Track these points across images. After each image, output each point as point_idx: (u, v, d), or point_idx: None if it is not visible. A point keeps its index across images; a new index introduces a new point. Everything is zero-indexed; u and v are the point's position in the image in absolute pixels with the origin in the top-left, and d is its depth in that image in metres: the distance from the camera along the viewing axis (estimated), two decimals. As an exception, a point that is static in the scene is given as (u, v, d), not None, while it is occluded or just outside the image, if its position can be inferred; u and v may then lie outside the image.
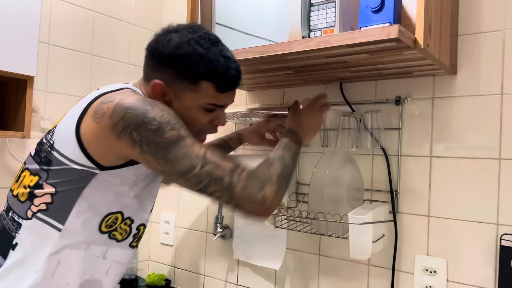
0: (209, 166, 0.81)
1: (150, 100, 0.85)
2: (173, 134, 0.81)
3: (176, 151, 0.80)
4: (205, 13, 1.30)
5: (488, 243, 1.14)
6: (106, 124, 0.82)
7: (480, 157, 1.16)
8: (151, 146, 0.80)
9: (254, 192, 0.82)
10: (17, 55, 1.29)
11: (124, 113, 0.81)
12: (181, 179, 0.82)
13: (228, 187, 0.81)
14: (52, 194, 0.86)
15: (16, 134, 1.33)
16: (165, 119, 0.81)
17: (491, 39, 1.16)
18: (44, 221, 0.86)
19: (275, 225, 1.32)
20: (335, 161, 1.22)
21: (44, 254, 0.86)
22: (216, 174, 0.81)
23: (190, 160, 0.80)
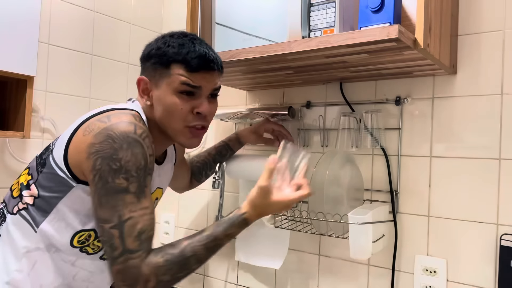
0: (116, 232, 0.82)
1: (134, 137, 0.85)
2: (122, 183, 0.83)
3: (111, 199, 0.82)
4: (205, 13, 1.30)
5: (488, 243, 1.14)
6: (87, 140, 0.86)
7: (480, 157, 1.16)
8: (100, 181, 0.83)
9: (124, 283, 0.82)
10: (17, 55, 1.29)
11: (104, 139, 0.84)
12: (95, 221, 0.85)
13: (112, 259, 0.82)
14: (35, 197, 0.91)
15: (16, 134, 1.33)
16: (128, 166, 0.83)
17: (491, 39, 1.16)
18: (26, 219, 0.91)
19: (275, 225, 1.32)
20: (335, 161, 1.22)
21: (21, 250, 0.90)
22: (113, 243, 0.82)
23: (111, 214, 0.82)
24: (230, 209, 1.62)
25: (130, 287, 0.81)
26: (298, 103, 1.48)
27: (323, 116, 1.42)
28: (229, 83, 1.47)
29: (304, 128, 1.46)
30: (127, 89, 1.81)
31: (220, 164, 1.53)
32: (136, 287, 0.81)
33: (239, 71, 1.27)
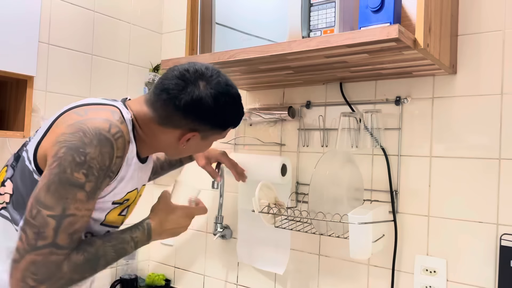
0: (53, 222, 0.78)
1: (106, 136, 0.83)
2: (79, 178, 0.80)
3: (62, 189, 0.79)
4: (205, 13, 1.30)
5: (488, 243, 1.14)
6: (61, 129, 0.84)
7: (480, 157, 1.16)
8: (57, 168, 0.80)
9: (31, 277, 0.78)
10: (17, 55, 1.29)
11: (75, 131, 0.82)
12: (31, 201, 0.80)
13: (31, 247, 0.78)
14: (10, 194, 0.89)
15: (16, 134, 1.33)
16: (92, 163, 0.81)
17: (491, 39, 1.16)
18: (6, 217, 0.89)
19: (275, 225, 1.32)
20: (335, 161, 1.22)
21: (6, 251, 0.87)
22: (44, 232, 0.78)
23: (55, 202, 0.79)
24: (230, 209, 1.63)
25: (39, 283, 0.78)
26: (298, 103, 1.48)
27: (323, 116, 1.42)
28: (229, 83, 1.46)
29: (304, 128, 1.46)
30: (127, 89, 1.81)
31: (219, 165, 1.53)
32: (45, 283, 0.79)
33: (239, 71, 1.27)
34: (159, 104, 0.92)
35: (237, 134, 1.65)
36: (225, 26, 1.26)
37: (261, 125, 1.58)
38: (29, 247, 0.78)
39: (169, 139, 0.96)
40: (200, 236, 1.74)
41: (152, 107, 0.94)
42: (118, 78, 1.77)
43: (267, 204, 1.30)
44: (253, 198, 1.28)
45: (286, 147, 1.51)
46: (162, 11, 1.94)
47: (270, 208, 1.30)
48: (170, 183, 1.85)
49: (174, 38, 1.90)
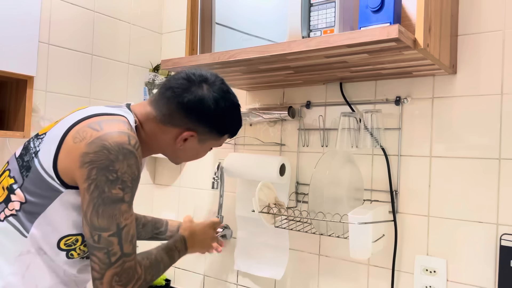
0: (115, 239, 0.86)
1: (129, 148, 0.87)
2: (118, 193, 0.86)
3: (109, 208, 0.86)
4: (205, 13, 1.30)
5: (488, 243, 1.14)
6: (80, 147, 0.87)
7: (480, 157, 1.16)
8: (96, 190, 0.85)
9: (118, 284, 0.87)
10: (17, 55, 1.29)
11: (99, 150, 0.86)
12: (88, 229, 0.86)
13: (107, 264, 0.86)
14: (22, 203, 0.91)
15: (16, 134, 1.33)
16: (124, 177, 0.87)
17: (491, 39, 1.16)
18: (14, 225, 0.91)
19: (275, 225, 1.32)
20: (335, 161, 1.22)
21: (13, 255, 0.90)
22: (113, 249, 0.86)
23: (110, 223, 0.86)
24: (230, 209, 1.63)
25: (124, 286, 0.88)
26: (298, 103, 1.48)
27: (323, 116, 1.42)
28: (229, 83, 1.46)
29: (304, 128, 1.46)
30: (127, 89, 1.81)
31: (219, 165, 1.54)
32: (129, 285, 0.89)
33: (239, 71, 1.27)
34: (162, 102, 0.97)
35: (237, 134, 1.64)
36: (225, 26, 1.26)
37: (261, 125, 1.58)
38: (105, 266, 0.86)
39: (168, 139, 1.00)
40: (200, 236, 1.74)
41: (156, 106, 0.99)
42: (118, 78, 1.77)
43: (267, 204, 1.30)
44: (253, 198, 1.28)
45: (286, 147, 1.51)
46: (162, 11, 1.94)
47: (270, 208, 1.30)
48: (170, 182, 1.85)
49: (174, 38, 1.90)
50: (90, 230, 0.86)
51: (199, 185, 1.75)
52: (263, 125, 1.57)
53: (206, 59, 1.19)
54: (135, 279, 0.90)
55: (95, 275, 0.87)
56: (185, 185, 1.80)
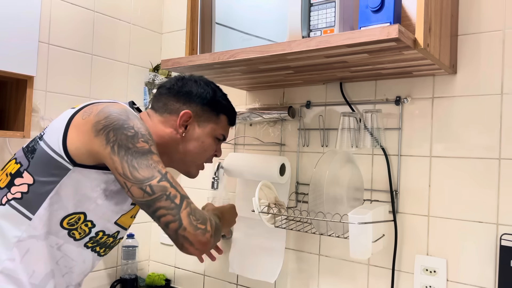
0: (166, 183, 0.86)
1: (133, 112, 0.93)
2: (144, 145, 0.88)
3: (142, 160, 0.87)
4: (205, 13, 1.30)
5: (488, 243, 1.14)
6: (89, 120, 0.90)
7: (480, 157, 1.16)
8: (121, 149, 0.86)
9: (198, 222, 0.86)
10: (17, 55, 1.29)
11: (108, 115, 0.89)
12: (136, 186, 0.86)
13: (176, 207, 0.85)
14: (30, 184, 0.91)
15: (16, 134, 1.33)
16: (141, 131, 0.89)
17: (491, 39, 1.16)
18: (16, 209, 0.91)
19: (275, 225, 1.32)
20: (335, 161, 1.22)
21: (12, 240, 0.91)
22: (170, 192, 0.86)
23: (151, 171, 0.86)
24: (230, 209, 1.63)
25: (205, 224, 0.87)
26: (298, 103, 1.48)
27: (323, 116, 1.42)
28: (229, 83, 1.47)
29: (304, 128, 1.46)
30: (127, 89, 1.81)
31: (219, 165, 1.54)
32: (207, 223, 0.88)
33: (239, 71, 1.27)
34: (157, 98, 1.07)
35: (237, 134, 1.65)
36: (225, 26, 1.26)
37: (261, 125, 1.58)
38: (176, 210, 0.85)
39: (170, 132, 1.04)
40: (200, 236, 1.73)
41: (153, 106, 1.08)
42: (118, 78, 1.77)
43: (267, 204, 1.30)
44: (253, 198, 1.28)
45: (286, 147, 1.51)
46: (162, 11, 1.94)
47: (270, 208, 1.30)
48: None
49: (174, 38, 1.90)
50: (139, 186, 0.85)
51: (199, 185, 1.75)
52: (263, 125, 1.57)
53: (206, 59, 1.19)
54: (208, 220, 0.88)
55: (172, 226, 0.85)
56: (185, 185, 1.80)
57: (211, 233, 0.87)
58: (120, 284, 1.73)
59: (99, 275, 1.72)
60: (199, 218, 0.87)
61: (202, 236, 0.86)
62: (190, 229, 0.85)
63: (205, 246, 0.87)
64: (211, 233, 0.87)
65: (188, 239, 0.85)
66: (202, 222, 0.86)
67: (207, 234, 0.86)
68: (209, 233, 0.87)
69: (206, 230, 0.87)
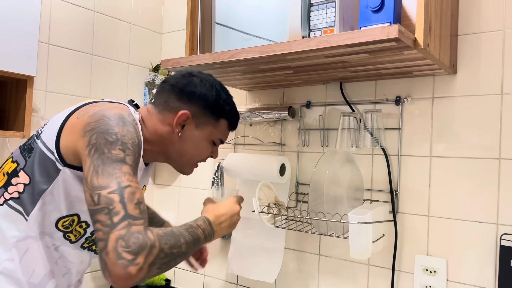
0: (116, 196, 0.77)
1: (129, 119, 0.89)
2: (119, 154, 0.82)
3: (109, 168, 0.80)
4: (205, 13, 1.30)
5: (488, 243, 1.14)
6: (83, 121, 0.88)
7: (480, 157, 1.16)
8: (96, 153, 0.82)
9: (125, 249, 0.73)
10: (17, 55, 1.29)
11: (100, 118, 0.86)
12: (88, 193, 0.79)
13: (110, 225, 0.75)
14: (26, 184, 0.91)
15: (16, 134, 1.33)
16: (124, 139, 0.84)
17: (491, 39, 1.16)
18: (14, 208, 0.91)
19: (275, 225, 1.32)
20: (335, 161, 1.22)
21: (11, 240, 0.90)
22: (114, 207, 0.76)
23: (109, 180, 0.79)
24: (230, 209, 1.62)
25: (134, 254, 0.73)
26: (298, 103, 1.48)
27: (323, 116, 1.42)
28: (229, 83, 1.47)
29: (304, 128, 1.46)
30: (127, 89, 1.81)
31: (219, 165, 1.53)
32: (141, 253, 0.74)
33: (239, 71, 1.27)
34: (159, 95, 1.05)
35: (237, 134, 1.65)
36: (225, 26, 1.26)
37: (261, 125, 1.58)
38: (108, 228, 0.74)
39: (167, 130, 1.01)
40: (200, 236, 1.73)
41: (154, 101, 1.05)
42: (118, 78, 1.77)
43: (267, 204, 1.30)
44: (253, 198, 1.28)
45: (286, 147, 1.51)
46: (162, 11, 1.94)
47: (270, 208, 1.30)
48: (170, 182, 1.85)
49: (174, 38, 1.90)
50: (90, 193, 0.78)
51: (199, 185, 1.75)
52: (263, 125, 1.57)
53: (206, 59, 1.19)
54: (148, 247, 0.74)
55: (100, 244, 0.74)
56: (185, 185, 1.80)
57: (140, 266, 0.73)
58: (120, 284, 1.73)
59: (99, 275, 1.72)
60: (131, 246, 0.73)
61: (121, 269, 0.72)
62: (112, 256, 0.72)
63: (124, 281, 0.73)
64: (140, 266, 0.73)
65: (107, 266, 0.73)
66: (131, 251, 0.72)
67: (130, 267, 0.72)
68: (136, 267, 0.73)
69: (133, 262, 0.72)
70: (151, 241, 0.75)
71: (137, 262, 0.73)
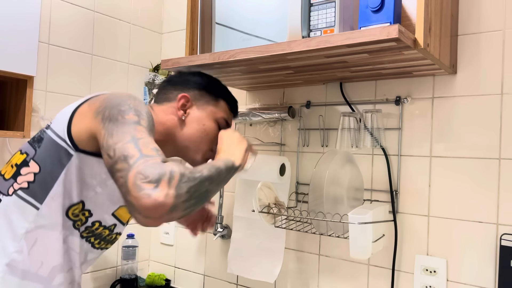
0: (131, 144, 0.75)
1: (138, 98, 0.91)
2: (132, 118, 0.81)
3: (123, 127, 0.79)
4: (205, 13, 1.30)
5: (488, 243, 1.14)
6: (94, 106, 0.89)
7: (480, 157, 1.16)
8: (110, 122, 0.81)
9: (144, 180, 0.69)
10: (17, 55, 1.29)
11: (112, 98, 0.88)
12: (105, 153, 0.78)
13: (128, 168, 0.71)
14: (36, 173, 0.91)
15: (16, 134, 1.33)
16: (137, 108, 0.84)
17: (491, 39, 1.16)
18: (24, 199, 0.90)
19: (275, 225, 1.32)
20: (335, 161, 1.22)
21: (20, 231, 0.90)
22: (129, 152, 0.73)
23: (124, 135, 0.77)
24: (229, 209, 1.63)
25: (155, 182, 0.68)
26: (298, 103, 1.48)
27: (323, 116, 1.42)
28: (229, 83, 1.47)
29: (304, 128, 1.46)
30: (127, 89, 1.81)
31: None
32: (162, 180, 0.69)
33: (239, 71, 1.27)
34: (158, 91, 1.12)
35: (237, 134, 1.64)
36: (225, 26, 1.26)
37: (261, 125, 1.58)
38: (125, 171, 0.71)
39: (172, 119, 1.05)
40: (200, 236, 1.74)
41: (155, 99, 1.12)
42: (118, 78, 1.77)
43: (267, 204, 1.30)
44: (253, 198, 1.28)
45: (286, 147, 1.51)
46: (162, 11, 1.94)
47: (270, 208, 1.30)
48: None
49: (174, 38, 1.90)
50: (106, 152, 0.77)
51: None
52: (263, 125, 1.57)
53: (206, 59, 1.19)
54: (168, 172, 0.70)
55: (122, 191, 0.72)
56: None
57: (166, 192, 0.68)
58: (120, 284, 1.73)
59: (99, 275, 1.72)
60: (149, 175, 0.68)
61: (146, 199, 0.67)
62: (133, 192, 0.68)
63: (155, 212, 0.68)
64: (165, 192, 0.68)
65: (133, 205, 0.69)
66: (151, 180, 0.68)
67: (155, 194, 0.67)
68: (162, 193, 0.68)
69: (156, 189, 0.68)
70: (169, 167, 0.71)
71: (161, 187, 0.68)
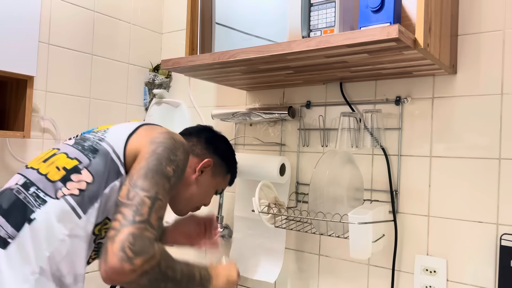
0: (149, 201, 0.86)
1: (187, 150, 1.02)
2: (169, 172, 0.94)
3: (157, 177, 0.91)
4: (205, 13, 1.30)
5: (488, 243, 1.14)
6: (152, 134, 0.98)
7: (480, 157, 1.16)
8: (155, 161, 0.92)
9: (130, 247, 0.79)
10: (17, 55, 1.29)
11: (169, 137, 0.98)
12: (128, 188, 0.88)
13: (130, 221, 0.82)
14: (88, 183, 0.93)
15: (16, 134, 1.33)
16: (179, 163, 0.97)
17: (491, 39, 1.16)
18: (71, 205, 0.91)
19: (275, 225, 1.32)
20: (335, 161, 1.22)
21: (59, 237, 0.89)
22: (142, 210, 0.84)
23: (151, 186, 0.88)
24: (230, 209, 1.63)
25: (135, 254, 0.78)
26: (298, 103, 1.48)
27: (323, 116, 1.42)
28: (229, 83, 1.47)
29: (304, 128, 1.46)
30: (127, 89, 1.81)
31: None
32: (141, 256, 0.79)
33: (239, 71, 1.27)
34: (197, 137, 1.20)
35: (237, 134, 1.65)
36: (225, 26, 1.26)
37: (261, 125, 1.58)
38: (127, 222, 0.81)
39: (188, 169, 1.13)
40: (200, 236, 1.73)
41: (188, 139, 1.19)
42: (118, 78, 1.77)
43: (267, 204, 1.30)
44: (253, 198, 1.28)
45: (286, 147, 1.51)
46: (162, 11, 1.94)
47: (270, 208, 1.30)
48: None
49: (174, 38, 1.90)
50: (128, 188, 0.87)
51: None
52: (263, 125, 1.57)
53: (206, 59, 1.19)
54: (149, 255, 0.80)
55: (111, 233, 0.80)
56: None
57: (135, 268, 0.78)
58: (120, 284, 1.73)
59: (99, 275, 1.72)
60: (136, 245, 0.79)
61: (117, 261, 0.77)
62: (116, 246, 0.78)
63: (115, 274, 0.77)
64: (134, 268, 0.78)
65: (107, 253, 0.79)
66: (134, 250, 0.78)
67: (126, 264, 0.77)
68: (132, 266, 0.77)
69: (130, 260, 0.77)
70: (154, 251, 0.82)
71: (135, 262, 0.78)
